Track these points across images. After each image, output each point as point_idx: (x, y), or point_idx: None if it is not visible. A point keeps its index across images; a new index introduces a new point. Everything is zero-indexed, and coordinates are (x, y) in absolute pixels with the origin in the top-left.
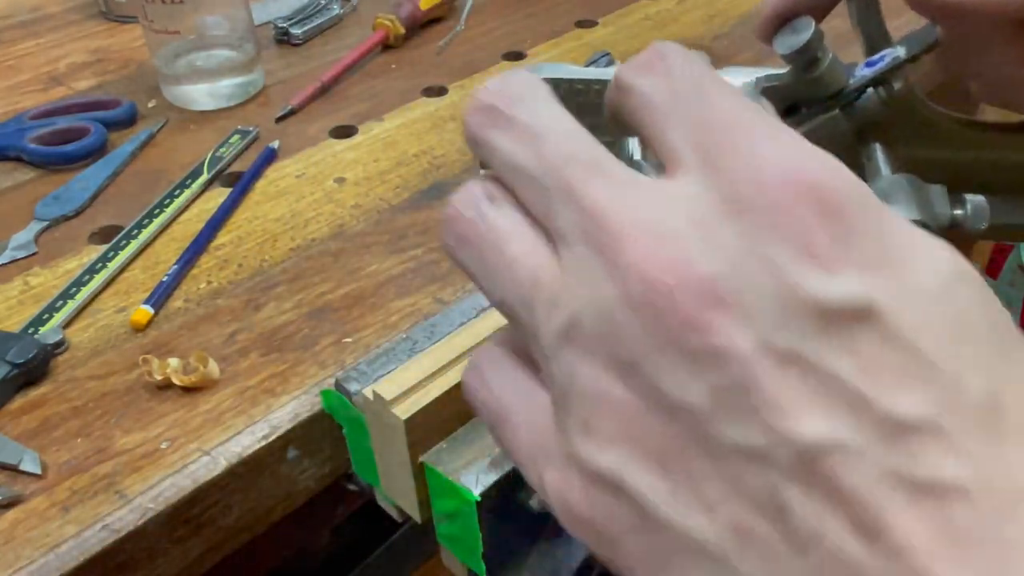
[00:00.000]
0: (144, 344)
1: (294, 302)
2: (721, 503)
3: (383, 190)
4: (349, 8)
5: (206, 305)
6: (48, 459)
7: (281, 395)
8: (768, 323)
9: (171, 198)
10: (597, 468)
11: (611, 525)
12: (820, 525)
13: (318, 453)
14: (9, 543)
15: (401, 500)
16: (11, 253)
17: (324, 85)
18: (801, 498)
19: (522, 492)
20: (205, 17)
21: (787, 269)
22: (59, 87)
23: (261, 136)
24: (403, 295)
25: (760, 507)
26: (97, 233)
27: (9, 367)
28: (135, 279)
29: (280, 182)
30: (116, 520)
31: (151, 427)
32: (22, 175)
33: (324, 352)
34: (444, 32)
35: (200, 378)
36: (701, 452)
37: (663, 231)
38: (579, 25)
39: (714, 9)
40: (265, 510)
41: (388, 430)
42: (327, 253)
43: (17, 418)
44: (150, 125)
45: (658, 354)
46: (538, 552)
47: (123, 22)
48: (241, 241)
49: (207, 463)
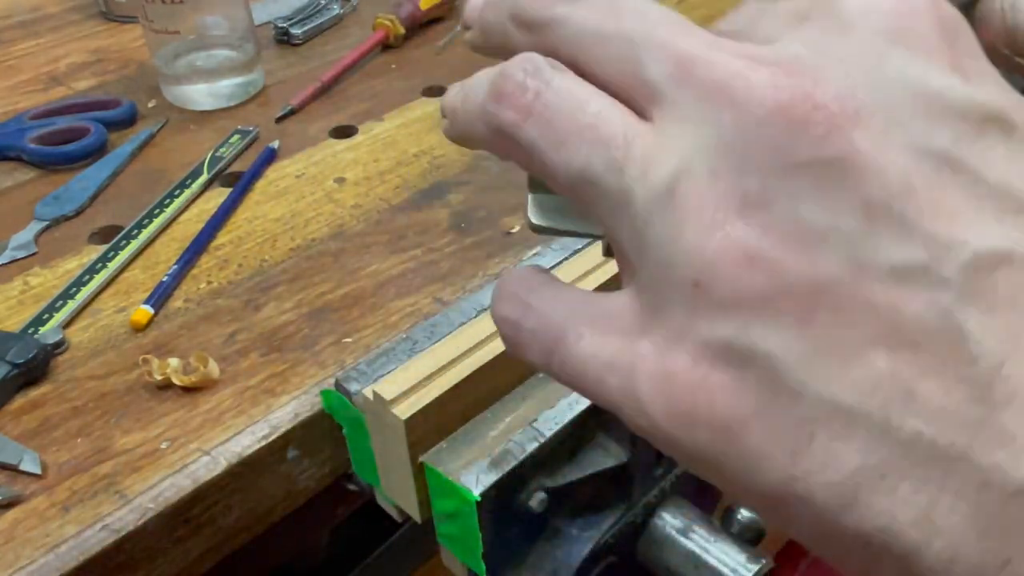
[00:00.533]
0: (144, 344)
1: (294, 302)
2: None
3: (383, 190)
4: (349, 8)
5: (206, 305)
6: (48, 459)
7: (281, 395)
8: (918, 130)
9: (171, 198)
10: (713, 339)
11: (734, 408)
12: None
13: (318, 453)
14: (9, 543)
15: (401, 500)
16: (11, 253)
17: (324, 85)
18: (981, 318)
19: (522, 492)
20: (205, 17)
21: (926, 77)
22: (59, 87)
23: (261, 136)
24: (403, 295)
25: (929, 339)
26: (97, 233)
27: (9, 367)
28: (135, 279)
29: (280, 182)
30: (116, 520)
31: (151, 427)
32: (22, 175)
33: (324, 352)
34: (444, 32)
35: (200, 378)
36: (851, 287)
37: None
38: None
39: (714, 9)
40: (265, 510)
41: (388, 430)
42: (327, 253)
43: (17, 418)
44: (150, 125)
45: (794, 179)
46: (538, 552)
47: (123, 22)
48: (241, 241)
49: (207, 463)
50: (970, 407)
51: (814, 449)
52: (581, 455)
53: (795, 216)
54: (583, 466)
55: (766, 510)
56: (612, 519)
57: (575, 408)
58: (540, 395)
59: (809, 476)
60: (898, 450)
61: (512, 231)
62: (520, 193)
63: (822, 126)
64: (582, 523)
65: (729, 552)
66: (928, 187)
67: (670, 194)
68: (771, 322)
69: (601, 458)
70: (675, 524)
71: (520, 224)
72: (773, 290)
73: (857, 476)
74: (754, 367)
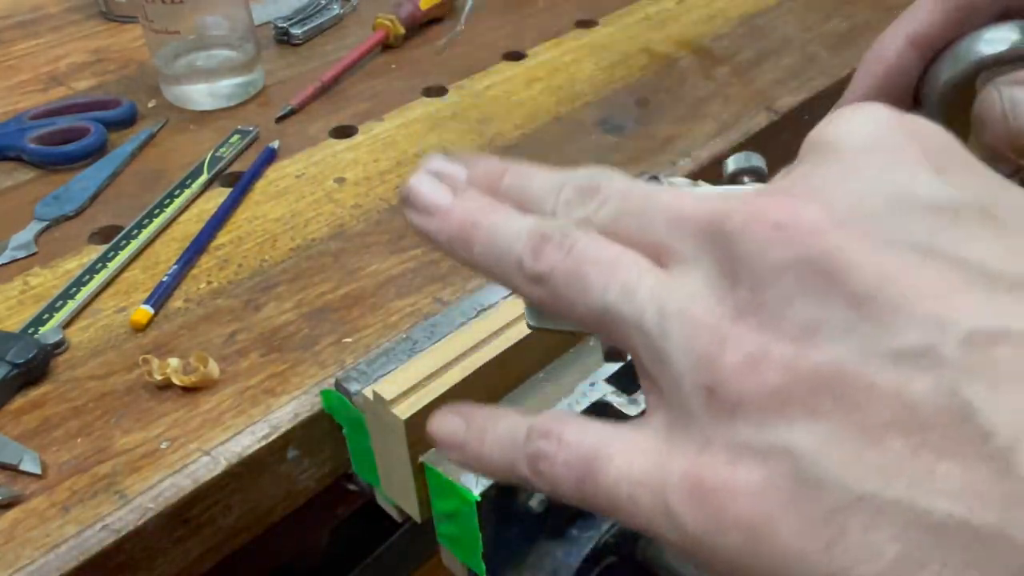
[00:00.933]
0: (144, 344)
1: (294, 302)
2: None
3: (383, 190)
4: (349, 8)
5: (206, 305)
6: (48, 459)
7: (281, 395)
8: (895, 227)
9: (171, 198)
10: (733, 442)
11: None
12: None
13: (318, 453)
14: (9, 543)
15: (401, 500)
16: (11, 253)
17: (324, 85)
18: (987, 395)
19: (522, 492)
20: (205, 17)
21: (901, 180)
22: (59, 87)
23: (261, 136)
24: (403, 295)
25: (939, 419)
26: (97, 233)
27: (9, 367)
28: (135, 279)
29: (280, 182)
30: (116, 520)
31: (151, 427)
32: (22, 175)
33: (324, 352)
34: (444, 32)
35: (200, 378)
36: (852, 374)
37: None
38: (579, 25)
39: (714, 9)
40: (265, 510)
41: (388, 430)
42: (327, 253)
43: (17, 418)
44: (150, 125)
45: (779, 280)
46: (538, 552)
47: (123, 22)
48: (241, 241)
49: (207, 463)
50: (994, 484)
51: (848, 541)
52: None
53: (786, 314)
54: None
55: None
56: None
57: (575, 408)
58: (540, 395)
59: (848, 571)
60: (932, 535)
61: None
62: None
63: (801, 232)
64: (582, 523)
65: None
66: (909, 275)
67: (680, 315)
68: (783, 417)
69: None
70: None
71: None
72: (778, 386)
73: (897, 566)
74: (775, 463)
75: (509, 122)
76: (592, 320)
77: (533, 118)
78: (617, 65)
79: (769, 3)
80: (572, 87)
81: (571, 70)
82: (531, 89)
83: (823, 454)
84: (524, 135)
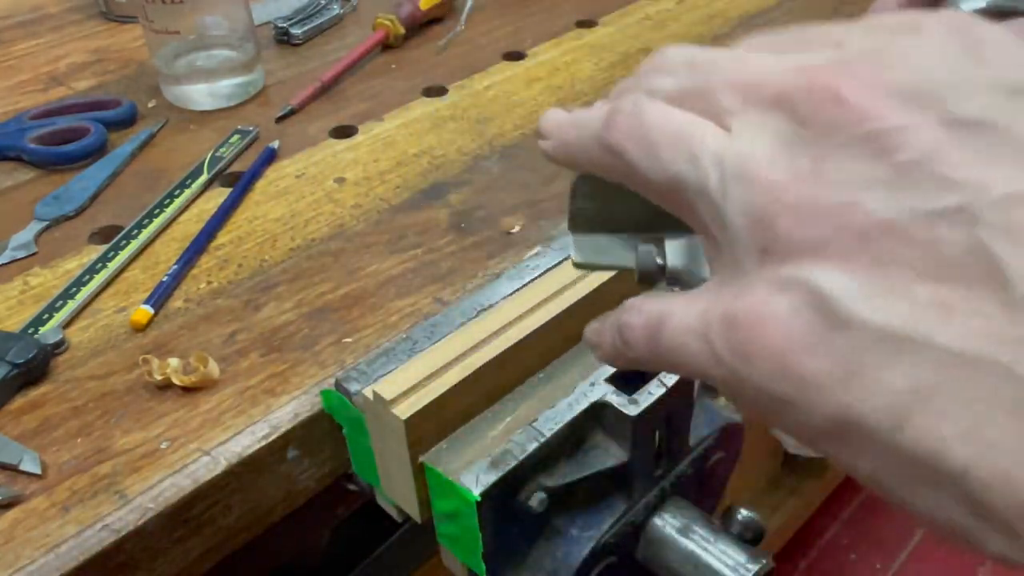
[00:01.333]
0: (144, 344)
1: (294, 302)
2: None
3: (383, 190)
4: (349, 8)
5: (206, 305)
6: (48, 459)
7: (281, 395)
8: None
9: (171, 198)
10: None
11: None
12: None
13: (318, 453)
14: (9, 543)
15: (401, 500)
16: (11, 253)
17: (324, 85)
18: (1013, 250)
19: (522, 492)
20: (205, 17)
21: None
22: (59, 87)
23: (261, 136)
24: (403, 295)
25: (966, 270)
26: (97, 233)
27: (9, 367)
28: (135, 279)
29: (280, 182)
30: (116, 520)
31: (151, 427)
32: (22, 175)
33: (324, 352)
34: (444, 32)
35: (200, 378)
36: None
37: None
38: (579, 25)
39: (714, 9)
40: (265, 510)
41: (388, 430)
42: (327, 253)
43: (17, 418)
44: (150, 125)
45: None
46: (538, 552)
47: (123, 22)
48: (241, 241)
49: (207, 463)
50: (1008, 327)
51: (864, 375)
52: (581, 455)
53: (840, 178)
54: (583, 466)
55: (823, 442)
56: (612, 519)
57: (575, 408)
58: (540, 395)
59: (861, 402)
60: (943, 369)
61: (512, 231)
62: (520, 193)
63: (861, 106)
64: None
65: (729, 552)
66: (956, 148)
67: (741, 173)
68: (823, 262)
69: (601, 458)
70: (675, 524)
71: (520, 224)
72: (824, 236)
73: (906, 397)
74: (807, 300)
75: (509, 122)
76: (663, 189)
77: (533, 118)
78: (617, 65)
79: (769, 3)
80: (572, 87)
81: (571, 70)
82: (531, 89)
83: (854, 296)
84: (524, 135)
